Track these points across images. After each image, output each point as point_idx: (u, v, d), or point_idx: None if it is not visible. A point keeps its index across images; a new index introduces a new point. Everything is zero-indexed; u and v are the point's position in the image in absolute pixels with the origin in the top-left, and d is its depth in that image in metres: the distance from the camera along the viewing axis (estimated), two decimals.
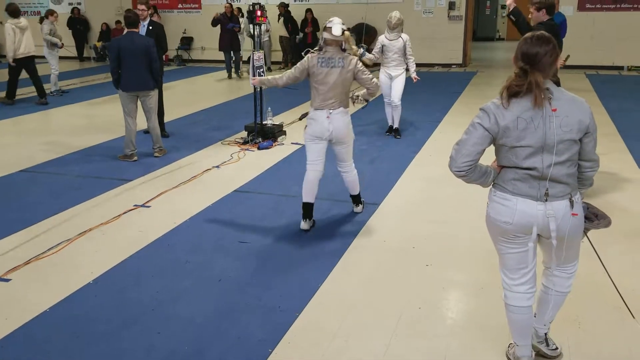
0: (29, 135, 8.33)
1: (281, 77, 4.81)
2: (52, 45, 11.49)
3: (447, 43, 15.19)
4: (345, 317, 3.43)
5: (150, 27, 7.53)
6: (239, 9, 14.72)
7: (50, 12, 11.60)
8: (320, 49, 4.54)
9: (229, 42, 13.70)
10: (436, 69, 14.98)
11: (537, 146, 2.49)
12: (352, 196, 5.12)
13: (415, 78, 7.58)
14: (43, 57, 11.64)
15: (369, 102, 5.11)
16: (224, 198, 5.53)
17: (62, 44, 11.82)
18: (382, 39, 7.57)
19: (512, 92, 2.48)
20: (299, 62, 4.68)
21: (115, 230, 4.80)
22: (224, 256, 4.29)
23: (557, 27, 5.17)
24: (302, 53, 4.76)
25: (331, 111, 4.53)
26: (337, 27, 4.45)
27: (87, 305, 3.62)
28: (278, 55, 16.06)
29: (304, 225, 4.74)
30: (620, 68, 14.25)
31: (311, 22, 15.17)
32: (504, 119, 2.50)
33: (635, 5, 13.79)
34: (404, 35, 7.50)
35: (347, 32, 4.51)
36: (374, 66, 7.66)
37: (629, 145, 7.12)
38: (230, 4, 14.52)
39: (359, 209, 5.14)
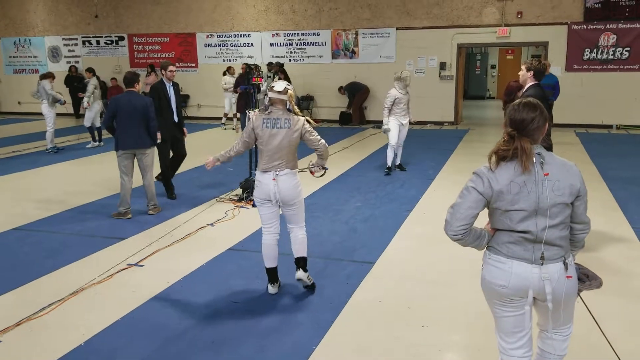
0: (22, 192, 8.33)
1: (232, 147, 4.60)
2: (54, 102, 11.64)
3: (438, 102, 15.51)
4: None
5: (175, 88, 7.80)
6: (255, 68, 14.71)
7: (52, 75, 11.84)
8: (265, 109, 4.42)
9: (244, 102, 13.99)
10: (428, 126, 15.24)
11: (531, 210, 2.53)
12: (297, 259, 4.63)
13: (412, 119, 9.19)
14: (40, 113, 11.79)
15: (327, 168, 4.85)
16: (218, 257, 5.51)
17: (65, 100, 12.02)
18: (395, 93, 8.84)
19: (500, 156, 2.56)
20: (247, 124, 4.62)
21: (108, 290, 4.75)
22: (217, 317, 4.24)
23: (545, 92, 5.30)
24: (247, 111, 4.49)
25: (277, 173, 4.37)
26: (280, 84, 4.38)
27: None
28: None
29: (272, 289, 4.59)
30: (610, 126, 14.54)
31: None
32: (497, 183, 2.55)
33: (621, 66, 14.21)
34: (409, 89, 9.03)
35: (290, 91, 4.38)
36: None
37: (620, 203, 7.18)
38: (246, 64, 14.81)
39: (304, 275, 4.61)
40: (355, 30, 16.06)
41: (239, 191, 7.77)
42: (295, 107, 4.48)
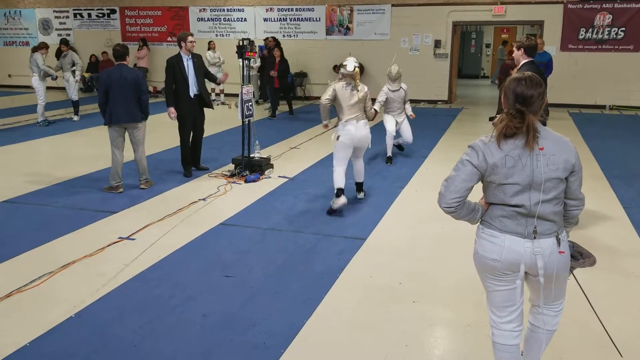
0: (11, 165, 8.26)
1: (320, 103, 6.14)
2: (45, 77, 11.51)
3: (433, 80, 15.43)
4: (331, 355, 3.38)
5: (195, 60, 7.41)
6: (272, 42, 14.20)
7: (45, 45, 11.68)
8: (341, 79, 6.01)
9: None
10: (422, 105, 15.18)
11: (525, 184, 2.51)
12: (357, 183, 6.53)
13: (411, 115, 8.61)
14: (29, 86, 11.66)
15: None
16: (209, 231, 5.50)
17: (57, 76, 11.87)
18: (386, 90, 8.39)
19: (509, 133, 2.51)
20: (328, 89, 6.04)
21: (99, 263, 4.73)
22: (209, 291, 4.24)
23: (540, 69, 5.29)
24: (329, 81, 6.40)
25: (357, 122, 5.97)
26: (350, 64, 5.98)
27: (68, 340, 3.54)
28: None
29: (342, 200, 5.94)
30: (603, 107, 14.54)
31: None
32: (492, 156, 2.52)
33: (616, 47, 14.16)
34: (404, 85, 8.45)
35: (357, 69, 5.99)
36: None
37: (612, 183, 7.21)
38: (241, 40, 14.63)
39: (361, 195, 6.54)
40: (350, 6, 15.89)
41: (232, 166, 7.73)
42: (359, 80, 6.09)
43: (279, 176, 7.54)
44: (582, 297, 3.00)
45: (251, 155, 7.68)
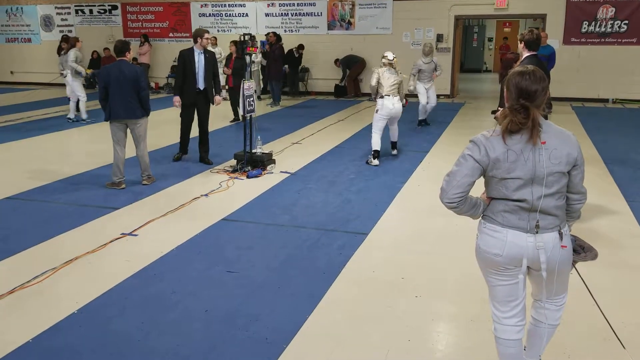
0: (14, 162, 8.27)
1: (371, 86, 7.98)
2: (77, 74, 11.39)
3: None
4: (333, 350, 3.38)
5: (207, 55, 7.77)
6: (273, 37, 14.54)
7: (77, 40, 11.57)
8: (383, 66, 7.91)
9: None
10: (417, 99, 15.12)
11: (527, 178, 2.50)
12: (392, 142, 8.41)
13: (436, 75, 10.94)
14: (31, 83, 11.64)
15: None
16: (211, 227, 5.50)
17: (86, 73, 11.79)
18: (419, 63, 10.64)
19: (514, 129, 2.48)
20: (373, 74, 7.90)
21: (102, 259, 4.73)
22: (211, 286, 4.24)
23: (542, 62, 5.27)
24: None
25: (394, 98, 7.82)
26: (390, 54, 7.94)
27: (72, 336, 3.55)
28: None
29: (376, 162, 7.87)
30: (605, 100, 14.49)
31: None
32: (494, 151, 2.51)
33: (619, 40, 14.10)
34: (435, 59, 10.83)
35: (395, 59, 7.91)
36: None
37: (615, 177, 7.19)
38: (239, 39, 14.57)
39: (395, 152, 8.42)
40: (351, 1, 15.85)
41: (234, 162, 7.73)
42: (398, 67, 8.00)
43: (281, 171, 7.54)
44: (584, 290, 3.00)
45: (253, 151, 7.67)
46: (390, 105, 7.78)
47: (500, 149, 2.50)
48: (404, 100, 8.14)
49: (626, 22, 13.94)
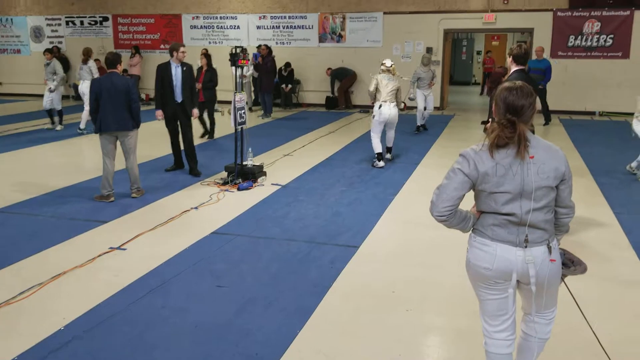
0: (1, 174, 8.19)
1: (369, 91, 8.42)
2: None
3: None
4: None
5: (185, 69, 7.86)
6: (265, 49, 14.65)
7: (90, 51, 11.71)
8: (381, 72, 8.37)
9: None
10: (414, 111, 15.20)
11: (516, 192, 2.52)
12: (388, 147, 8.84)
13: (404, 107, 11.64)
14: (21, 94, 11.58)
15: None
16: (201, 240, 5.47)
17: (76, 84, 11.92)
18: (418, 71, 11.45)
19: (501, 144, 2.50)
20: (372, 80, 8.34)
21: (90, 274, 4.69)
22: (201, 301, 4.21)
23: (529, 77, 5.33)
24: (371, 75, 8.70)
25: (390, 104, 8.27)
26: (388, 62, 8.44)
27: (59, 353, 3.50)
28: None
29: (381, 163, 8.39)
30: (592, 113, 14.63)
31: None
32: (483, 165, 2.53)
33: (605, 54, 14.28)
34: (433, 68, 11.72)
35: (393, 66, 8.44)
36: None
37: (602, 189, 7.25)
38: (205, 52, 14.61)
39: (388, 156, 8.86)
40: (342, 14, 15.95)
41: (224, 174, 7.72)
42: (397, 73, 8.55)
43: (272, 184, 7.53)
44: (573, 304, 3.00)
45: (244, 163, 7.67)
46: (387, 111, 8.24)
47: (489, 163, 2.52)
48: (402, 104, 8.61)
49: (612, 36, 14.14)
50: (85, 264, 4.88)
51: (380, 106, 8.24)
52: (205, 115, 11.12)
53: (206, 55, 11.19)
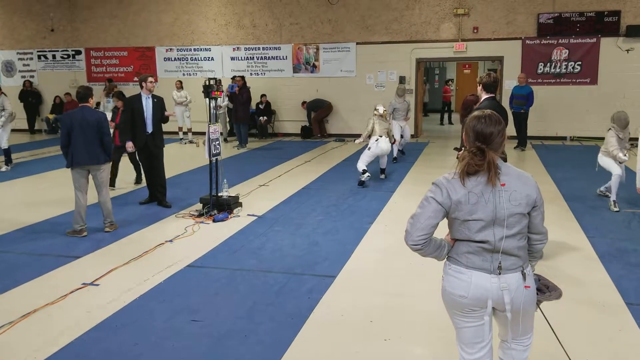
0: None
1: (366, 129, 9.53)
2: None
3: None
4: None
5: (155, 100, 7.92)
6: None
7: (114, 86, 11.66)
8: (376, 116, 9.53)
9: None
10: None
11: (489, 220, 2.54)
12: (382, 169, 9.93)
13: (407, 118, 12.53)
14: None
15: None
16: (176, 274, 5.39)
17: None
18: (394, 102, 12.08)
19: (471, 171, 2.54)
20: (368, 122, 9.50)
21: (62, 311, 4.57)
22: (175, 336, 4.13)
23: (499, 104, 5.43)
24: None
25: (380, 138, 9.34)
26: (381, 108, 9.68)
27: None
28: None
29: (366, 175, 9.13)
30: (564, 138, 14.93)
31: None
32: (456, 193, 2.55)
33: (574, 80, 14.65)
34: (407, 99, 12.65)
35: (385, 111, 9.80)
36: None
37: (575, 213, 7.35)
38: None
39: (382, 176, 9.93)
40: (316, 45, 16.14)
41: (199, 206, 7.65)
42: (388, 118, 10.42)
43: (248, 214, 7.48)
44: (549, 329, 3.01)
45: (219, 194, 7.62)
46: (384, 145, 9.38)
47: (461, 191, 2.54)
48: (393, 139, 9.95)
49: (579, 63, 14.53)
50: (57, 300, 4.76)
51: (377, 140, 9.30)
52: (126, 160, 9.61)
53: (119, 95, 9.69)
